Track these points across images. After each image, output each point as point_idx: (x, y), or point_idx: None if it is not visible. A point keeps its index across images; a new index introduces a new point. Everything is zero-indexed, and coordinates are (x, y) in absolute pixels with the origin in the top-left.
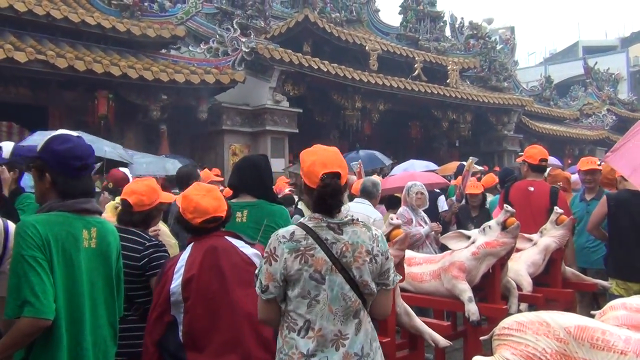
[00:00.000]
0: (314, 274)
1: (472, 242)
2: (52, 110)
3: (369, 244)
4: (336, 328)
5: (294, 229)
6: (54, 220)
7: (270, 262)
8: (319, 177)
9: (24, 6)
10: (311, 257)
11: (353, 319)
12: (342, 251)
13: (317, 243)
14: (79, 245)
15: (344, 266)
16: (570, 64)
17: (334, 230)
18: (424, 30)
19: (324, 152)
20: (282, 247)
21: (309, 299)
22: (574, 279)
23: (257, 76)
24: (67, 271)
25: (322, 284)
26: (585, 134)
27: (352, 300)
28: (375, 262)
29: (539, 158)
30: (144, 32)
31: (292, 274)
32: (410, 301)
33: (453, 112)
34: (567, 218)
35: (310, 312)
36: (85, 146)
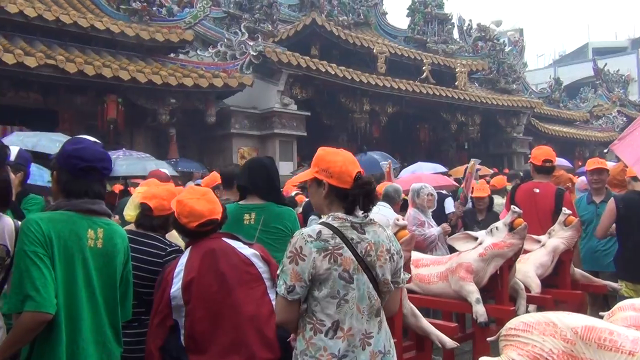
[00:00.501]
0: (343, 274)
1: (480, 243)
2: (62, 114)
3: (387, 243)
4: (364, 327)
5: (320, 228)
6: (58, 218)
7: (297, 262)
8: (352, 177)
9: (34, 12)
10: (340, 257)
11: (376, 318)
12: (367, 250)
13: (344, 243)
14: (82, 243)
15: (368, 265)
16: (579, 66)
17: (357, 229)
18: (432, 33)
19: (343, 152)
20: (309, 246)
21: (338, 298)
22: (583, 281)
23: (265, 79)
24: (67, 269)
25: (351, 283)
26: (595, 136)
27: (375, 299)
28: (393, 261)
29: (542, 159)
30: (153, 36)
31: (321, 273)
32: (418, 303)
33: (462, 114)
34: (575, 219)
35: (339, 312)
36: (97, 151)
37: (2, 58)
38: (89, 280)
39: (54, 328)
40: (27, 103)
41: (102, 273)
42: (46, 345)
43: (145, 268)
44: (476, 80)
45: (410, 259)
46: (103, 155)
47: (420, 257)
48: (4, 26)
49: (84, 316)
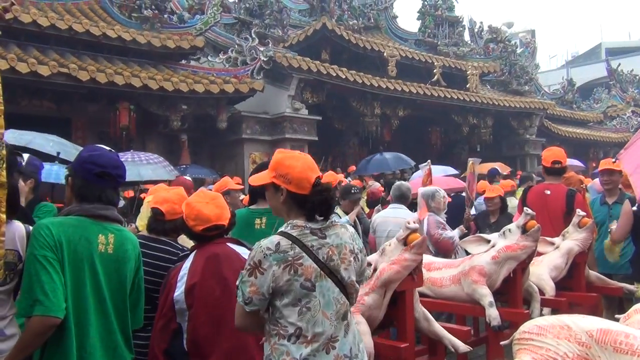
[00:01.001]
0: (305, 283)
1: (492, 246)
2: (75, 122)
3: (350, 243)
4: (329, 333)
5: (279, 239)
6: (69, 222)
7: (256, 275)
8: (311, 183)
9: (47, 21)
10: (300, 267)
11: (342, 321)
12: (329, 255)
13: (304, 251)
14: (92, 248)
15: (331, 270)
16: (592, 66)
17: (317, 235)
18: (443, 36)
19: (304, 157)
20: (268, 259)
21: (299, 306)
22: (598, 283)
23: (275, 85)
24: (76, 273)
25: (313, 291)
26: (609, 137)
27: (341, 303)
28: (358, 260)
29: (551, 160)
30: (164, 43)
31: (281, 285)
32: (430, 306)
33: (474, 116)
34: (589, 221)
35: (301, 319)
36: (112, 158)
37: (16, 67)
38: (98, 286)
39: (64, 332)
40: (40, 111)
41: (112, 279)
42: (56, 349)
43: (158, 273)
44: (488, 83)
45: (422, 262)
46: (118, 163)
47: (432, 260)
48: (18, 36)
49: (92, 321)
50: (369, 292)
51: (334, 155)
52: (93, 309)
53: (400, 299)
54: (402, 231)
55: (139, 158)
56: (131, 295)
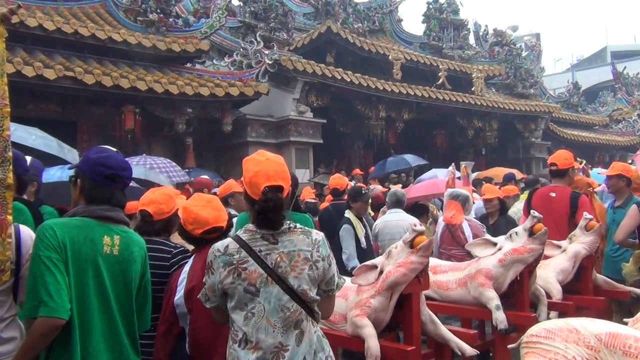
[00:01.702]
0: (249, 287)
1: (499, 248)
2: (81, 125)
3: (306, 251)
4: (276, 340)
5: (229, 242)
6: (74, 223)
7: (209, 275)
8: (260, 190)
9: (52, 25)
10: (244, 271)
11: (294, 330)
12: (277, 261)
13: (251, 256)
14: (96, 249)
15: (280, 276)
16: (598, 70)
17: (269, 240)
18: (448, 39)
19: (268, 162)
20: (217, 261)
21: (245, 311)
22: (606, 287)
23: (280, 88)
24: (79, 275)
25: (257, 297)
26: (615, 140)
27: (291, 311)
28: (317, 269)
29: (550, 162)
30: (169, 47)
31: (227, 287)
32: (436, 309)
33: (479, 120)
34: (597, 224)
35: (247, 324)
36: (120, 160)
37: (22, 71)
38: (102, 287)
39: (68, 334)
40: (46, 115)
41: (117, 280)
42: (61, 351)
43: (155, 273)
44: (493, 86)
45: (428, 265)
46: (125, 164)
47: (438, 263)
48: (24, 40)
49: (95, 323)
50: (375, 295)
51: (338, 158)
52: (97, 311)
53: (407, 301)
54: (408, 234)
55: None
56: (138, 297)
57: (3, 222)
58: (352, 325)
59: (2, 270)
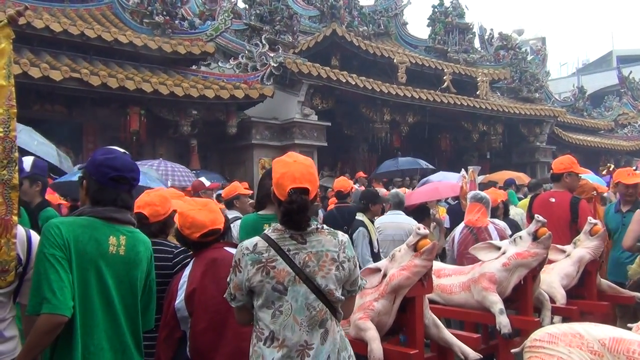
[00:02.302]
0: (277, 286)
1: (503, 253)
2: (86, 126)
3: (334, 252)
4: (302, 339)
5: (257, 240)
6: (79, 223)
7: (236, 273)
8: (287, 192)
9: (59, 26)
10: (272, 269)
11: (319, 329)
12: (305, 261)
13: (279, 254)
14: (102, 249)
15: (307, 276)
16: (603, 74)
17: (297, 240)
18: (453, 42)
19: (295, 164)
20: (245, 259)
21: (272, 309)
22: (610, 292)
23: (285, 90)
24: (82, 273)
25: (285, 295)
26: (620, 145)
27: (317, 310)
28: (343, 269)
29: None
30: (175, 49)
31: (254, 286)
32: (440, 313)
33: (483, 123)
34: (601, 229)
35: (274, 322)
36: (127, 162)
37: (28, 72)
38: (105, 287)
39: (71, 332)
40: (52, 116)
41: (122, 280)
42: (64, 349)
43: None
44: (498, 90)
45: (432, 268)
46: (133, 166)
47: (442, 267)
48: (30, 41)
49: (98, 322)
50: (378, 298)
51: (343, 161)
52: (100, 310)
53: (410, 305)
54: (412, 237)
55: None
56: (143, 296)
57: (8, 222)
58: (355, 328)
59: (6, 270)
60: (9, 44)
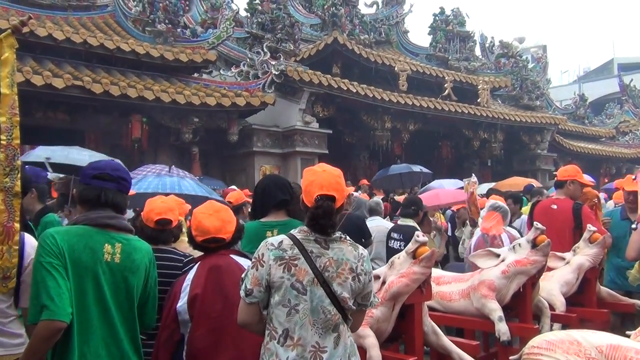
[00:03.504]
0: (296, 284)
1: (502, 260)
2: (88, 134)
3: (353, 262)
4: (314, 340)
5: (283, 238)
6: (74, 232)
7: (257, 267)
8: (314, 198)
9: (62, 34)
10: (294, 267)
11: (332, 333)
12: (326, 265)
13: (302, 254)
14: (96, 257)
15: (325, 280)
16: (605, 82)
17: (321, 244)
18: (454, 50)
19: (323, 173)
20: (269, 254)
21: (288, 307)
22: (609, 299)
23: (286, 98)
24: (78, 282)
25: (304, 295)
26: (622, 152)
27: (331, 314)
28: (359, 281)
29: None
30: (177, 57)
31: (275, 281)
32: (439, 321)
33: (484, 131)
34: (600, 236)
35: (289, 320)
36: (112, 163)
37: (31, 80)
38: (102, 295)
39: (69, 340)
40: (54, 123)
41: (119, 288)
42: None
43: (167, 281)
44: (499, 97)
45: (431, 275)
46: (117, 166)
47: (441, 274)
48: (33, 49)
49: (94, 329)
50: (377, 305)
51: (344, 168)
52: (97, 318)
53: (409, 312)
54: (411, 244)
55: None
56: (143, 302)
57: (10, 229)
58: (354, 335)
59: (8, 277)
60: (13, 53)
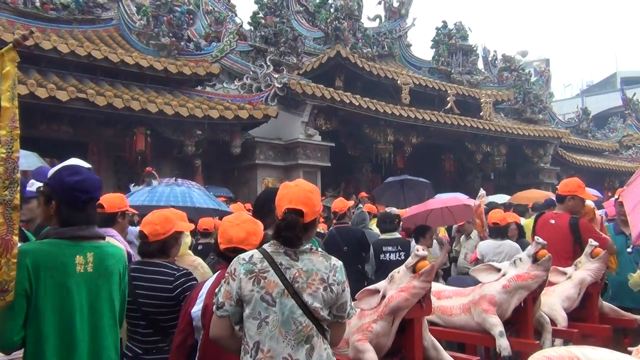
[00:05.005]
0: (265, 296)
1: (503, 274)
2: (92, 146)
3: (324, 272)
4: (286, 352)
5: (254, 252)
6: (43, 250)
7: (229, 282)
8: (282, 211)
9: (66, 47)
10: (264, 280)
11: (304, 344)
12: (295, 276)
13: (272, 267)
14: (69, 271)
15: (296, 291)
16: (607, 96)
17: (290, 256)
18: (457, 64)
19: (294, 188)
20: (240, 268)
21: (259, 319)
22: (611, 314)
23: (289, 111)
24: (53, 299)
25: (273, 307)
26: (625, 166)
27: (303, 325)
28: (331, 291)
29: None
30: (180, 70)
31: (245, 294)
32: (440, 335)
33: (487, 144)
34: (602, 251)
35: (260, 333)
36: (95, 180)
37: (35, 92)
38: (81, 306)
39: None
40: (58, 135)
41: (99, 296)
42: None
43: (156, 295)
44: (502, 111)
45: (431, 289)
46: (99, 184)
47: (442, 288)
48: (38, 62)
49: (79, 342)
50: (377, 320)
51: (346, 181)
52: (80, 329)
53: (409, 327)
54: (411, 258)
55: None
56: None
57: (9, 242)
58: (353, 350)
59: (5, 290)
60: (14, 67)
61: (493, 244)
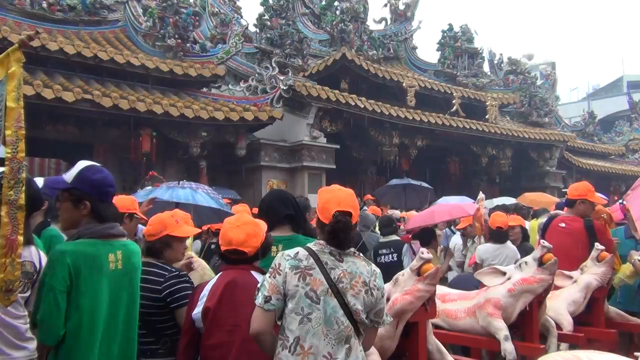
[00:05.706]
0: (310, 292)
1: (508, 278)
2: (97, 147)
3: (366, 276)
4: (326, 350)
5: (299, 250)
6: (81, 250)
7: (275, 276)
8: (331, 214)
9: (73, 49)
10: (309, 276)
11: (344, 344)
12: (340, 277)
13: (317, 265)
14: (105, 269)
15: (339, 291)
16: (614, 99)
17: (335, 257)
18: (462, 67)
19: (339, 192)
20: (285, 263)
21: (301, 315)
22: (618, 319)
23: (294, 113)
24: (93, 293)
25: (317, 304)
26: (632, 170)
27: (344, 325)
28: (371, 295)
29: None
30: (186, 71)
31: (290, 289)
32: (444, 339)
33: (492, 147)
34: (608, 255)
35: (301, 328)
36: (111, 175)
37: (41, 93)
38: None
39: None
40: (64, 136)
41: (127, 291)
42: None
43: (145, 296)
44: (507, 114)
45: (435, 293)
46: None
47: (447, 291)
48: (45, 63)
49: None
50: None
51: (351, 183)
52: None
53: (413, 330)
54: (415, 261)
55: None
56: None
57: (14, 242)
58: None
59: (10, 290)
60: (19, 67)
61: (492, 248)
